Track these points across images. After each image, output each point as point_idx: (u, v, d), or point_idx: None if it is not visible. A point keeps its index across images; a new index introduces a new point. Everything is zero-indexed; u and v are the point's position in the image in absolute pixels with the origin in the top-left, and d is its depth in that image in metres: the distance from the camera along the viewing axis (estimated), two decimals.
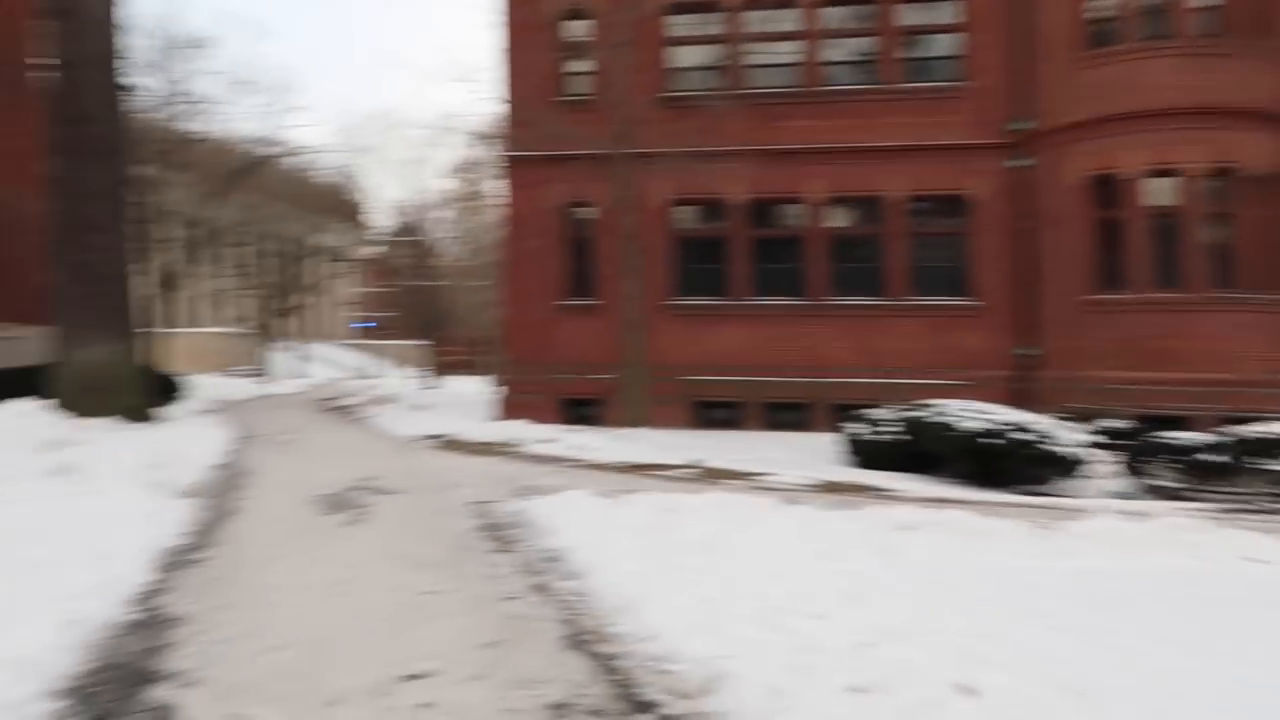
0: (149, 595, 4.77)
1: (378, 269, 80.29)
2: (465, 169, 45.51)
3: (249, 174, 33.76)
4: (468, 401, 25.34)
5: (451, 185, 45.00)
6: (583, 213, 18.75)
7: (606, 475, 9.94)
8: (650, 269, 17.90)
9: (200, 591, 4.93)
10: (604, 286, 18.38)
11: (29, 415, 10.50)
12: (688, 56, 18.02)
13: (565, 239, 18.70)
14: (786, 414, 17.16)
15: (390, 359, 69.70)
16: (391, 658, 4.01)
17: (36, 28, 13.39)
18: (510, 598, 5.03)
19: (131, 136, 23.00)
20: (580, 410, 18.65)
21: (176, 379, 19.85)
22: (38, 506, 6.30)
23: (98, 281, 11.80)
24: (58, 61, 11.93)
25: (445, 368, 47.33)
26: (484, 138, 39.01)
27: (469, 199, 44.85)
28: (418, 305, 44.77)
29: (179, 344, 55.79)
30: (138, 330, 12.73)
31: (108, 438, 9.97)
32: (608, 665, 4.01)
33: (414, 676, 3.80)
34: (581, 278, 18.77)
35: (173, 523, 6.43)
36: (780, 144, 16.82)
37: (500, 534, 6.66)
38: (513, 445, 12.26)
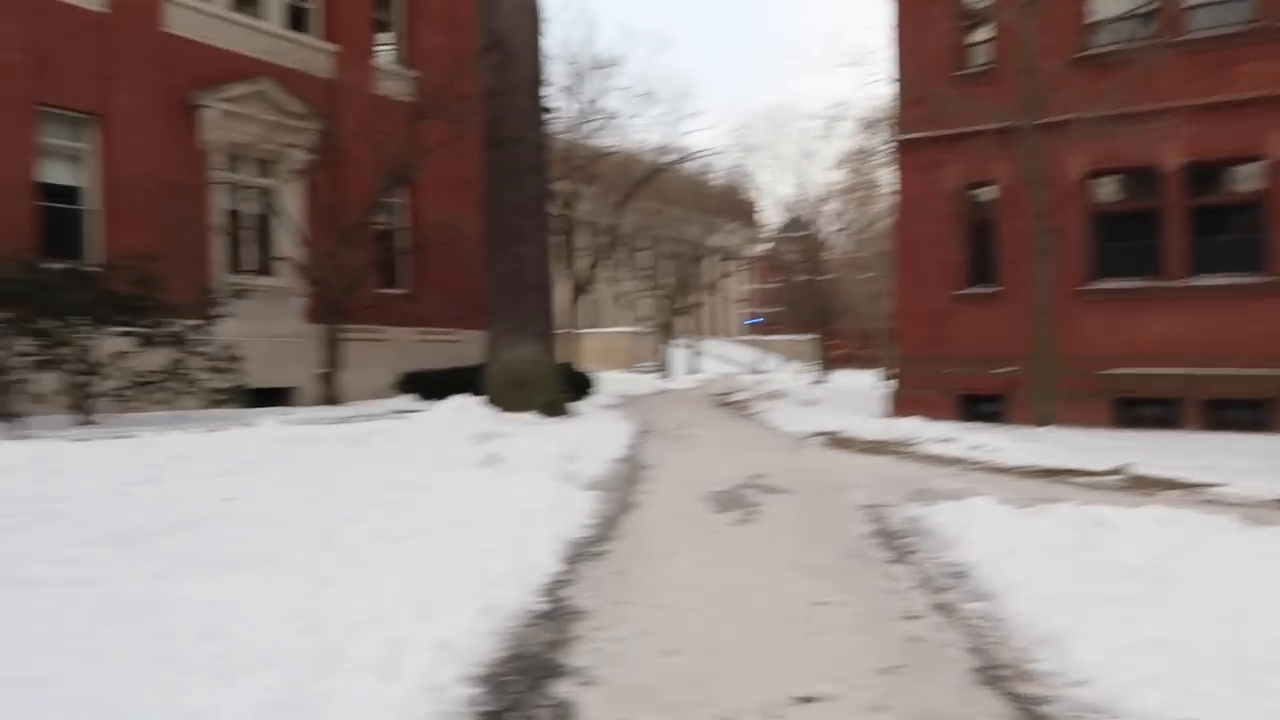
0: (556, 586, 4.99)
1: (768, 265, 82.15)
2: (854, 159, 44.82)
3: (650, 182, 35.91)
4: (856, 397, 24.82)
5: (840, 177, 44.53)
6: (982, 194, 17.46)
7: (1013, 480, 9.00)
8: (1062, 250, 16.13)
9: (600, 585, 5.07)
10: (1005, 273, 16.96)
11: (466, 410, 11.89)
12: (1107, 6, 15.97)
13: (962, 223, 17.53)
14: (1235, 412, 14.61)
15: (779, 354, 70.91)
16: (782, 675, 3.77)
17: (472, 64, 15.20)
18: (910, 616, 4.57)
19: (551, 155, 25.45)
20: (978, 407, 17.38)
21: (587, 376, 21.60)
22: (467, 495, 6.96)
23: (522, 288, 13.09)
24: (489, 91, 13.44)
25: (833, 362, 47.08)
26: (873, 125, 38.09)
27: (858, 190, 44.05)
28: (806, 300, 44.95)
29: (588, 343, 61.19)
30: (556, 332, 13.97)
31: (527, 431, 10.96)
32: (1031, 711, 3.43)
33: (807, 699, 3.52)
34: (980, 264, 17.48)
35: (579, 514, 6.78)
36: (1228, 94, 14.29)
37: (896, 542, 6.20)
38: (906, 444, 11.62)
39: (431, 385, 16.38)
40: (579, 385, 20.16)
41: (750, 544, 6.14)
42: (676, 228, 50.97)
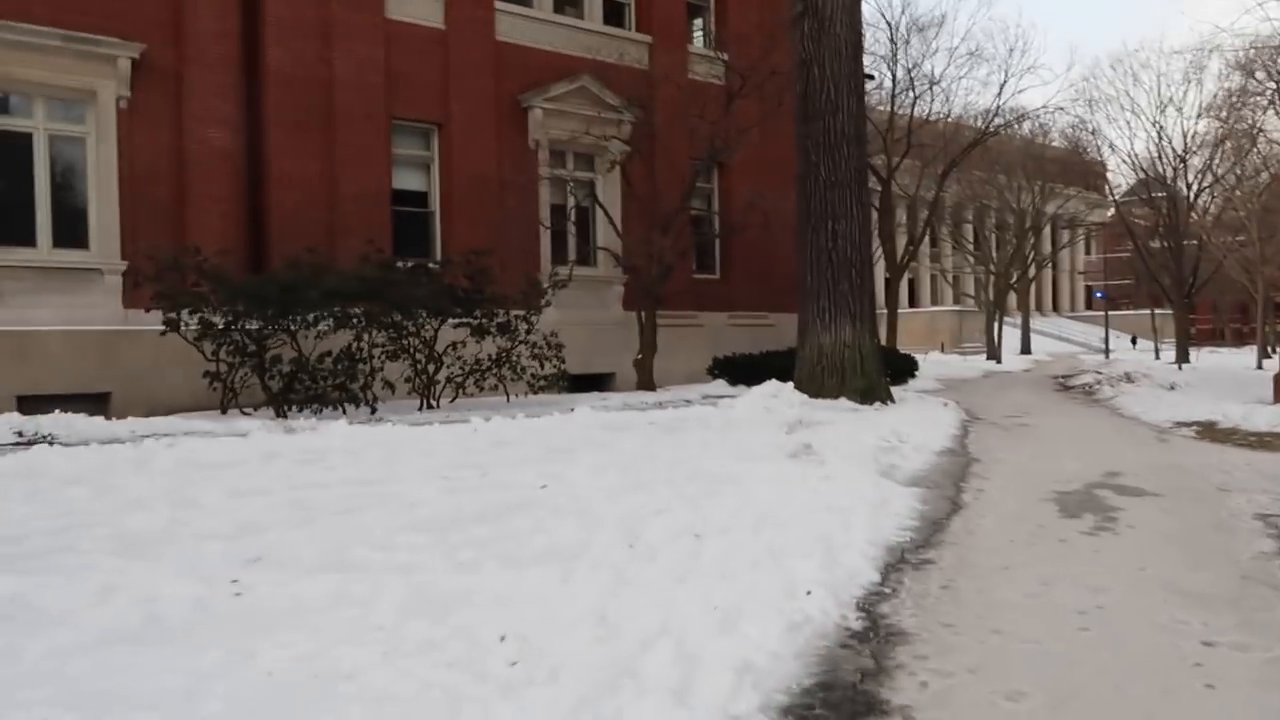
0: (872, 600, 4.42)
1: (1115, 233, 74.02)
2: (1227, 104, 38.79)
3: (976, 149, 33.42)
4: (1229, 380, 21.39)
5: (1208, 126, 38.77)
6: None
7: None
8: None
9: (923, 601, 4.43)
10: None
11: (778, 395, 11.49)
12: None
13: None
14: None
15: (1127, 331, 63.72)
16: None
17: (784, 37, 14.73)
18: None
19: (869, 125, 24.41)
20: None
21: (907, 358, 20.42)
22: (775, 489, 6.53)
23: (836, 267, 12.45)
24: (801, 61, 12.90)
25: (1195, 339, 41.28)
26: (1252, 62, 32.67)
27: (1231, 139, 38.11)
28: (1162, 269, 39.72)
29: (908, 324, 58.70)
30: (873, 313, 13.18)
31: (842, 418, 10.35)
32: None
33: None
34: None
35: (898, 514, 6.11)
36: None
37: None
38: None
39: (743, 370, 16.20)
40: (898, 369, 19.09)
41: (1108, 559, 5.16)
42: (1009, 195, 47.21)
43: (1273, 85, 41.71)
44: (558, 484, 6.73)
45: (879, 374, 12.78)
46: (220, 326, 10.86)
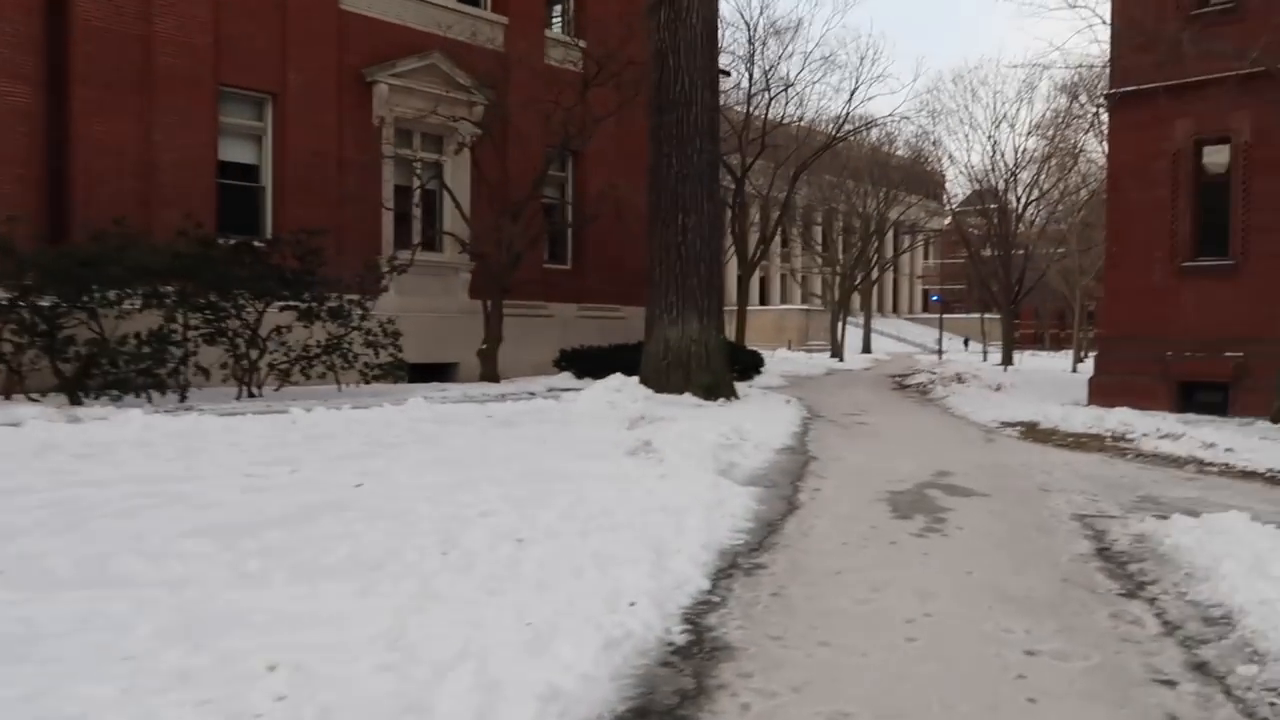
0: (699, 609, 4.16)
1: (950, 240, 78.00)
2: (1052, 125, 41.38)
3: (827, 152, 34.27)
4: (1051, 382, 22.67)
5: (1035, 144, 41.21)
6: (1213, 153, 15.25)
7: (1262, 490, 7.48)
8: None
9: (752, 610, 4.21)
10: (1241, 242, 14.80)
11: (621, 390, 11.23)
12: None
13: (1189, 187, 15.39)
14: None
15: (959, 334, 67.31)
16: None
17: (642, 25, 14.47)
18: (1160, 679, 3.48)
19: (726, 124, 24.46)
20: (1197, 396, 15.30)
21: (754, 355, 20.63)
22: (609, 489, 6.24)
23: (685, 262, 12.30)
24: (657, 50, 12.66)
25: (1019, 343, 43.87)
26: (1075, 86, 34.90)
27: (1054, 158, 40.64)
28: (992, 276, 41.97)
29: (757, 320, 60.01)
30: (721, 309, 13.09)
31: (686, 414, 10.18)
32: None
33: None
34: (1208, 234, 15.33)
35: (734, 515, 5.93)
36: None
37: (1124, 569, 5.01)
38: (1119, 438, 10.08)
39: (591, 363, 15.91)
40: (745, 365, 19.25)
41: (939, 561, 5.11)
42: (855, 201, 48.84)
43: (1093, 109, 44.85)
44: (376, 482, 6.22)
45: (725, 370, 12.72)
46: (4, 303, 9.66)
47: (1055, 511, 6.50)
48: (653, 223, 12.42)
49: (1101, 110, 46.08)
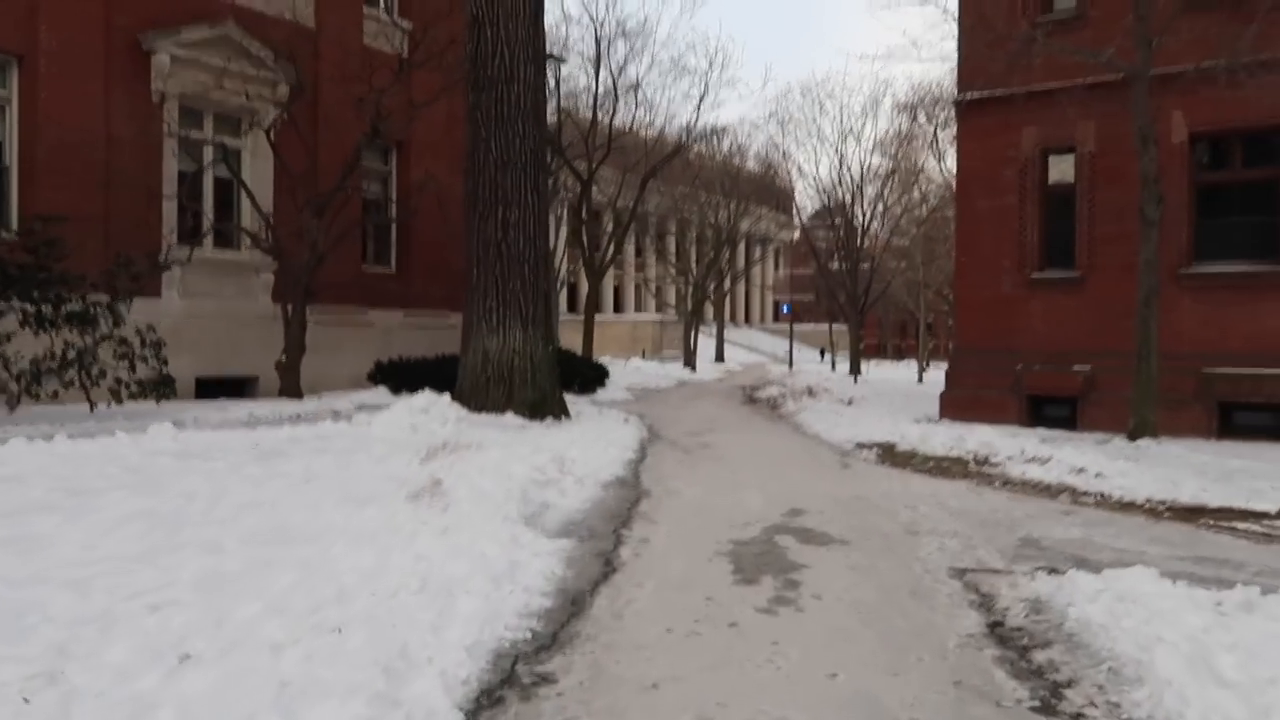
0: None
1: (800, 252, 79.29)
2: (894, 142, 42.05)
3: (676, 158, 33.36)
4: (898, 393, 22.30)
5: (880, 161, 41.76)
6: (1060, 162, 14.91)
7: (1147, 525, 6.58)
8: (1159, 227, 13.64)
9: None
10: (1087, 254, 14.48)
11: (429, 410, 9.56)
12: None
13: (1037, 196, 15.00)
14: None
15: (808, 344, 68.31)
16: None
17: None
18: None
19: (569, 124, 23.03)
20: (1047, 410, 14.91)
21: (598, 367, 19.25)
22: (364, 555, 4.63)
23: (506, 262, 10.76)
24: (473, 19, 11.06)
25: (864, 352, 44.36)
26: (917, 107, 35.39)
27: (898, 174, 41.28)
28: (839, 287, 42.20)
29: (609, 330, 58.97)
30: (549, 316, 11.57)
31: (501, 440, 8.62)
32: None
33: None
34: (1057, 244, 14.96)
35: (527, 589, 4.43)
36: None
37: (1028, 659, 3.80)
38: (981, 461, 9.17)
39: (410, 376, 14.14)
40: (586, 378, 17.83)
41: (793, 657, 3.76)
42: (707, 212, 48.46)
43: (931, 128, 46.04)
44: (21, 554, 4.39)
45: (553, 385, 11.20)
46: None
47: (929, 564, 5.31)
48: (470, 216, 10.82)
49: (941, 129, 47.50)
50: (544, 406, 10.67)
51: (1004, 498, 7.54)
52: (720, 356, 53.43)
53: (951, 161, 48.58)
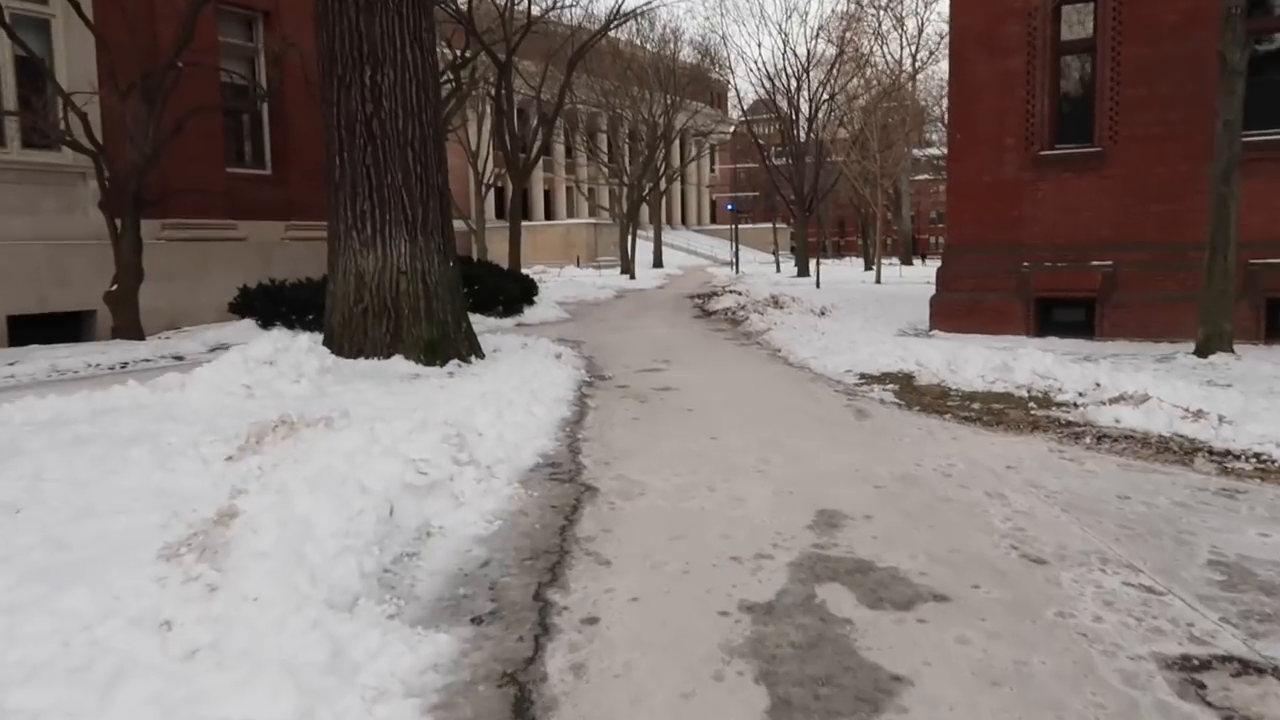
0: None
1: (738, 147, 76.00)
2: (841, 23, 38.86)
3: (601, 40, 29.83)
4: (868, 298, 19.96)
5: (824, 46, 38.62)
6: (1076, 11, 12.31)
7: None
8: (1185, 89, 11.27)
9: None
10: (1109, 124, 12.03)
11: (273, 360, 6.76)
12: None
13: (1046, 56, 12.39)
14: None
15: (750, 244, 65.83)
16: None
17: None
18: None
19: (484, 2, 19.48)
20: (1057, 314, 12.67)
21: (523, 280, 16.43)
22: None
23: (383, 147, 7.84)
24: None
25: (816, 250, 42.03)
26: None
27: (844, 58, 38.22)
28: (785, 183, 39.47)
29: (542, 236, 55.74)
30: (449, 222, 8.65)
31: (370, 404, 5.94)
32: None
33: None
34: (1070, 114, 12.47)
35: None
36: None
37: None
38: (1044, 401, 6.76)
39: (287, 304, 11.22)
40: (511, 296, 15.04)
41: None
42: (640, 109, 45.00)
43: (874, 11, 42.93)
44: None
45: (457, 315, 8.40)
46: None
47: (1114, 651, 2.84)
48: (326, 84, 7.85)
49: (883, 12, 44.42)
50: (445, 345, 7.95)
51: (1114, 467, 5.12)
52: (659, 261, 50.71)
53: (895, 46, 45.76)
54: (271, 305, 11.49)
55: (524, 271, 23.59)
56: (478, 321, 13.99)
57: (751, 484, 4.80)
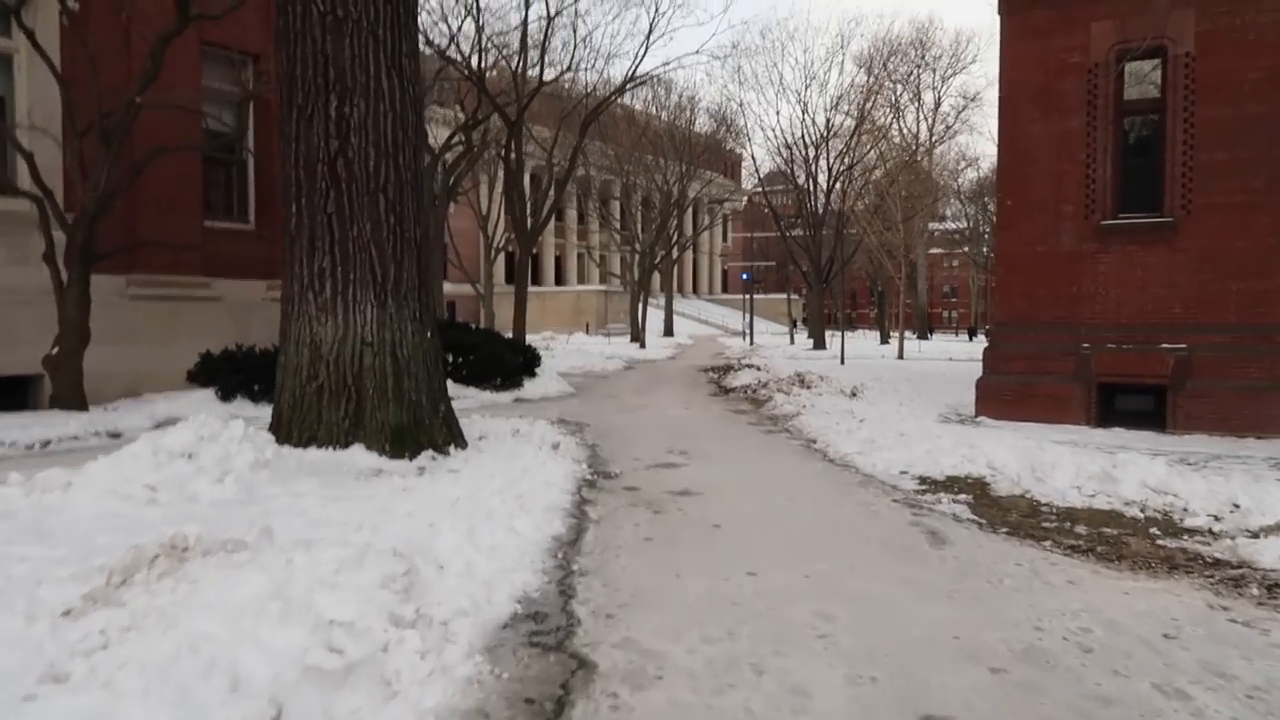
0: None
1: (752, 217, 75.45)
2: (860, 94, 38.23)
3: (619, 99, 29.01)
4: (896, 376, 18.55)
5: (843, 118, 37.90)
6: (1143, 69, 11.17)
7: None
8: (1262, 150, 10.07)
9: None
10: (1182, 192, 10.78)
11: (191, 454, 5.38)
12: None
13: (1108, 116, 11.22)
14: None
15: (762, 315, 64.75)
16: None
17: None
18: None
19: (498, 69, 18.55)
20: (1121, 402, 11.27)
21: (526, 350, 15.08)
22: None
23: (348, 190, 6.55)
24: None
25: (827, 322, 40.80)
26: (873, 59, 31.62)
27: (863, 130, 37.48)
28: (803, 253, 38.42)
29: (552, 303, 54.77)
30: (427, 283, 7.31)
31: (304, 517, 4.54)
32: None
33: None
34: (1136, 180, 11.23)
35: None
36: None
37: None
38: (1168, 526, 5.32)
39: (247, 374, 9.87)
40: (510, 368, 13.69)
41: None
42: (655, 175, 44.34)
43: (891, 85, 42.43)
44: None
45: (435, 396, 6.97)
46: None
47: None
48: (284, 116, 6.59)
49: (899, 87, 43.92)
50: (417, 433, 6.56)
51: None
52: (669, 329, 49.60)
53: (911, 119, 45.17)
54: (234, 374, 10.15)
55: (529, 339, 22.34)
56: (471, 397, 12.67)
57: (814, 662, 3.36)
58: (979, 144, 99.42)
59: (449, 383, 12.81)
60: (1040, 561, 4.74)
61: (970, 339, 59.03)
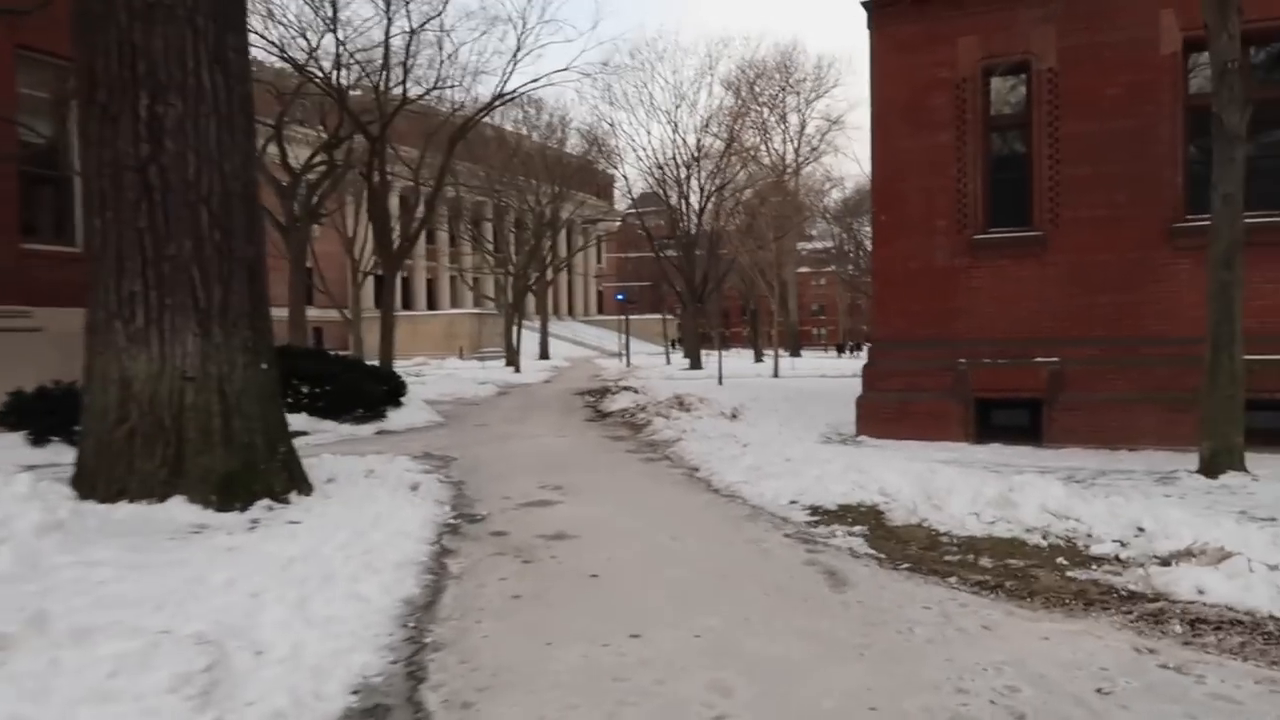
0: None
1: (626, 238, 75.48)
2: (730, 115, 38.61)
3: (488, 114, 28.23)
4: (774, 395, 18.41)
5: (712, 140, 38.18)
6: (1011, 83, 11.27)
7: None
8: (1146, 167, 10.28)
9: None
10: (1049, 206, 10.91)
11: None
12: None
13: (977, 130, 11.27)
14: None
15: (637, 335, 64.71)
16: None
17: None
18: None
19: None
20: (997, 417, 11.30)
21: (390, 378, 14.16)
22: None
23: (163, 204, 5.69)
24: None
25: (701, 342, 40.88)
26: (739, 81, 31.89)
27: (732, 151, 37.85)
28: (677, 273, 38.37)
29: (424, 327, 53.22)
30: (264, 309, 6.45)
31: (84, 597, 3.70)
32: None
33: None
34: (1005, 194, 11.31)
35: None
36: None
37: None
38: (1074, 555, 5.04)
39: (64, 414, 8.68)
40: (372, 398, 12.76)
41: None
42: (527, 197, 43.59)
43: (758, 109, 43.21)
44: None
45: (272, 436, 6.09)
46: None
47: None
48: (84, 116, 5.68)
49: (767, 110, 44.73)
50: (250, 480, 5.70)
51: (1254, 685, 3.34)
52: (545, 352, 48.77)
53: (779, 140, 46.07)
54: (49, 415, 8.92)
55: (399, 365, 21.25)
56: (328, 431, 11.68)
57: None
58: (843, 165, 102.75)
59: (303, 416, 11.84)
60: (949, 603, 4.33)
61: (839, 355, 60.45)
